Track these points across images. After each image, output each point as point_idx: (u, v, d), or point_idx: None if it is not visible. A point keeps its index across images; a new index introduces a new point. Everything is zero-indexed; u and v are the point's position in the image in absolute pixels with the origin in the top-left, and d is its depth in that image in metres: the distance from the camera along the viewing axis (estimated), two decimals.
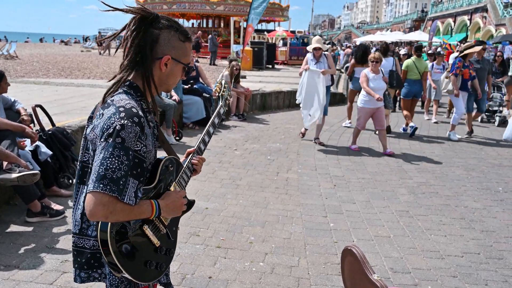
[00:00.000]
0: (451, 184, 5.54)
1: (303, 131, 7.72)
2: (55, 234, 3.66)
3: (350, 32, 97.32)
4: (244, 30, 19.74)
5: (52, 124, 5.00)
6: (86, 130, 1.55)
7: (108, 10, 1.55)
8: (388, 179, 5.64)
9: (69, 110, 7.23)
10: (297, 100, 7.45)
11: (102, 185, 1.35)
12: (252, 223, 4.11)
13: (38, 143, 4.30)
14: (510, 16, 33.89)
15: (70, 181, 4.70)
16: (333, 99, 10.37)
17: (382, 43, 11.63)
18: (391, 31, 54.86)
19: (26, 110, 4.54)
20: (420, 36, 34.06)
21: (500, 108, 10.10)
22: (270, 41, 26.34)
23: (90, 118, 1.57)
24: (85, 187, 1.55)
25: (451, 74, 7.89)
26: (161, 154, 1.68)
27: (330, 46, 21.93)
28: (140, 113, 1.46)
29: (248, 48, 17.49)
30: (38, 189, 3.91)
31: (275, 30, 31.14)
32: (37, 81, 11.29)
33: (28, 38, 48.70)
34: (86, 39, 45.89)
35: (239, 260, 3.39)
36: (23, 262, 3.17)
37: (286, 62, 22.69)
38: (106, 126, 1.41)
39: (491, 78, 9.02)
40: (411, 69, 8.79)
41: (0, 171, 3.58)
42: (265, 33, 30.78)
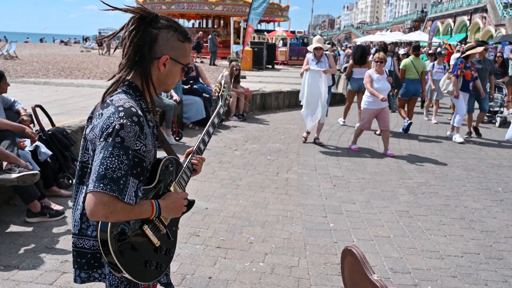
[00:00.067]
0: (451, 184, 5.54)
1: (305, 135, 7.49)
2: (55, 235, 3.66)
3: (350, 32, 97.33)
4: (244, 30, 19.74)
5: (52, 124, 5.00)
6: (86, 130, 1.54)
7: (108, 10, 1.55)
8: (388, 179, 5.64)
9: (69, 110, 7.23)
10: (301, 102, 7.33)
11: (102, 184, 1.35)
12: (252, 223, 4.11)
13: (38, 143, 4.30)
14: (510, 17, 33.93)
15: (70, 181, 4.70)
16: (333, 99, 10.36)
17: (380, 44, 11.65)
18: (391, 31, 54.87)
19: (26, 110, 4.54)
20: (420, 36, 34.09)
21: (501, 109, 10.10)
22: (270, 41, 26.34)
23: (90, 119, 1.57)
24: (84, 187, 1.55)
25: (452, 75, 7.86)
26: (161, 154, 1.67)
27: (330, 47, 21.93)
28: (140, 112, 1.46)
29: (248, 48, 17.49)
30: (38, 189, 3.91)
31: (275, 31, 31.14)
32: (37, 81, 11.29)
33: (28, 38, 48.75)
34: (86, 39, 45.92)
35: (239, 260, 3.39)
36: (23, 263, 3.17)
37: (286, 62, 22.71)
38: (105, 126, 1.41)
39: (494, 79, 8.98)
40: (409, 68, 8.82)
41: (0, 171, 3.58)
42: (265, 33, 30.78)
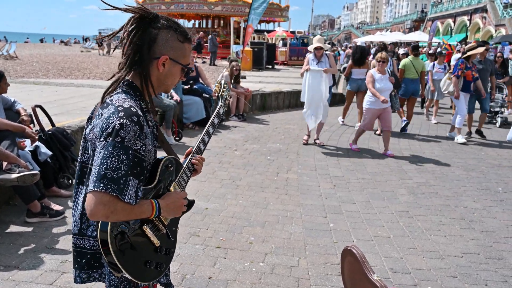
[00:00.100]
0: (450, 184, 5.54)
1: (306, 138, 7.39)
2: (55, 235, 3.66)
3: (350, 32, 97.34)
4: (244, 30, 19.75)
5: (52, 124, 5.00)
6: (85, 130, 1.54)
7: (108, 9, 1.55)
8: (388, 179, 5.64)
9: (69, 110, 7.24)
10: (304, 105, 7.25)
11: (102, 184, 1.35)
12: (252, 223, 4.11)
13: (38, 143, 4.30)
14: (510, 17, 33.93)
15: (70, 181, 4.70)
16: (333, 99, 10.37)
17: (380, 44, 11.66)
18: (390, 31, 54.83)
19: (26, 110, 4.54)
20: (420, 36, 34.06)
21: (502, 109, 10.08)
22: (270, 41, 26.35)
23: (90, 119, 1.57)
24: (84, 187, 1.55)
25: (453, 76, 7.85)
26: (161, 154, 1.68)
27: (330, 47, 21.94)
28: (139, 112, 1.46)
29: (248, 48, 17.50)
30: (38, 189, 3.91)
31: (275, 31, 31.15)
32: (36, 81, 11.29)
33: (27, 38, 48.78)
34: (86, 39, 45.94)
35: (239, 260, 3.39)
36: (23, 263, 3.17)
37: (286, 62, 22.71)
38: (105, 126, 1.41)
39: (495, 79, 8.97)
40: (409, 68, 8.83)
41: (0, 171, 3.58)
42: (265, 33, 30.79)
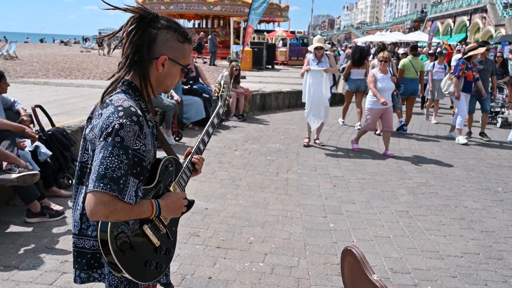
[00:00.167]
0: (450, 184, 5.54)
1: (307, 141, 7.29)
2: (54, 235, 3.66)
3: (350, 32, 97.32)
4: (244, 30, 19.75)
5: (52, 124, 5.00)
6: (85, 130, 1.54)
7: (108, 9, 1.55)
8: (387, 179, 5.64)
9: (68, 110, 7.24)
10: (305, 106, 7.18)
11: (102, 184, 1.35)
12: (252, 223, 4.11)
13: (37, 143, 4.30)
14: (510, 17, 33.93)
15: (70, 181, 4.70)
16: (333, 99, 10.35)
17: (379, 44, 11.65)
18: (390, 31, 54.80)
19: (25, 110, 4.54)
20: (419, 36, 34.02)
21: (503, 110, 10.06)
22: (270, 41, 26.35)
23: (89, 119, 1.57)
24: (84, 187, 1.55)
25: (453, 76, 7.84)
26: (160, 154, 1.68)
27: (330, 46, 21.94)
28: (139, 112, 1.46)
29: (248, 48, 17.50)
30: (37, 189, 3.91)
31: (274, 31, 31.15)
32: (36, 81, 11.29)
33: (27, 38, 48.79)
34: (85, 39, 45.95)
35: (239, 260, 3.39)
36: (23, 263, 3.17)
37: (285, 62, 22.72)
38: (105, 126, 1.41)
39: (496, 79, 8.96)
40: (408, 68, 8.84)
41: (0, 171, 3.58)
42: (264, 33, 30.79)
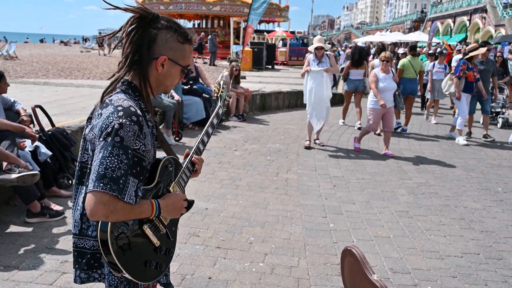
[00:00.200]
0: (450, 184, 5.54)
1: (308, 143, 7.19)
2: (54, 235, 3.66)
3: (350, 32, 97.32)
4: (244, 30, 19.75)
5: (52, 124, 5.00)
6: (85, 130, 1.54)
7: (108, 9, 1.54)
8: (387, 179, 5.64)
9: (68, 110, 7.24)
10: (307, 108, 7.14)
11: (102, 184, 1.35)
12: (252, 223, 4.11)
13: (37, 143, 4.30)
14: (510, 17, 33.92)
15: (70, 181, 4.70)
16: (333, 100, 10.29)
17: (379, 44, 11.66)
18: (390, 31, 54.79)
19: (25, 110, 4.54)
20: (419, 36, 34.01)
21: (503, 110, 10.04)
22: (270, 41, 26.36)
23: (89, 119, 1.57)
24: (84, 187, 1.55)
25: (454, 77, 7.83)
26: (160, 154, 1.67)
27: (330, 47, 21.94)
28: (139, 112, 1.46)
29: (247, 48, 17.51)
30: (37, 189, 3.91)
31: (274, 31, 31.16)
32: (36, 81, 11.30)
33: (27, 38, 48.81)
34: (85, 40, 45.93)
35: (239, 260, 3.39)
36: (23, 263, 3.17)
37: (285, 62, 22.73)
38: (104, 126, 1.41)
39: (497, 80, 8.95)
40: (407, 68, 8.84)
41: (0, 171, 3.58)
42: (264, 33, 30.80)
